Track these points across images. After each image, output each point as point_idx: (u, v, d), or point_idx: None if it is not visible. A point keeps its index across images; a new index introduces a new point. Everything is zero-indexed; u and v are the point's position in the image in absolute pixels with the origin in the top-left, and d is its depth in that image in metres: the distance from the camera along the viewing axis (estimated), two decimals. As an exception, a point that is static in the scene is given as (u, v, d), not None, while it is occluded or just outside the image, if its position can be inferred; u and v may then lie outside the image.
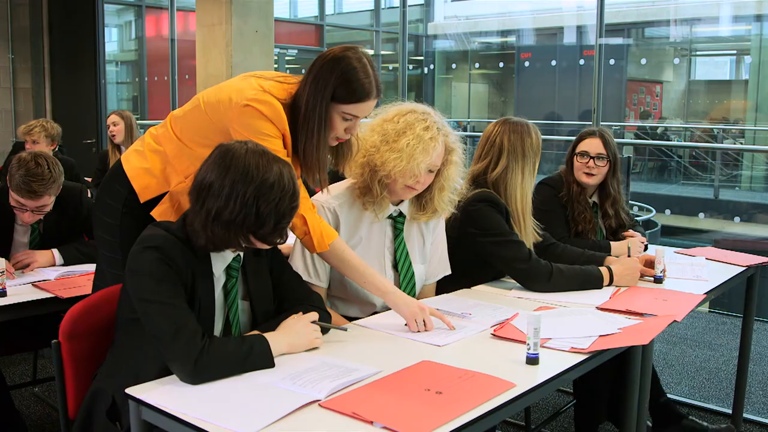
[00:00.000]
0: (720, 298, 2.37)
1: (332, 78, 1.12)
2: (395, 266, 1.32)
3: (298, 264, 1.26)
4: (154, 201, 1.22)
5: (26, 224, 1.64)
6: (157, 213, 1.21)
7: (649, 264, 1.54)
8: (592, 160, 1.72)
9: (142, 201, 1.21)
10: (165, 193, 1.21)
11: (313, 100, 1.13)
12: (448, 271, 1.42)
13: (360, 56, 1.14)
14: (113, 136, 2.93)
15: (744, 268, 1.67)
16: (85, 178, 2.86)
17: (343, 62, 1.13)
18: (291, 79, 1.19)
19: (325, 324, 1.07)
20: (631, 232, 1.76)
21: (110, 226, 1.23)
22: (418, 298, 1.35)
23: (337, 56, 1.13)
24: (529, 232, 1.47)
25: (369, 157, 1.24)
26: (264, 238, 0.96)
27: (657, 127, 7.81)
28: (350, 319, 1.26)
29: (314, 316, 1.04)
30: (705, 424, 1.72)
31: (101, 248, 1.26)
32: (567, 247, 1.58)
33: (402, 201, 1.32)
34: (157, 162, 1.22)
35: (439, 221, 1.39)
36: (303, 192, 1.15)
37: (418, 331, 1.13)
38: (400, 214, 1.33)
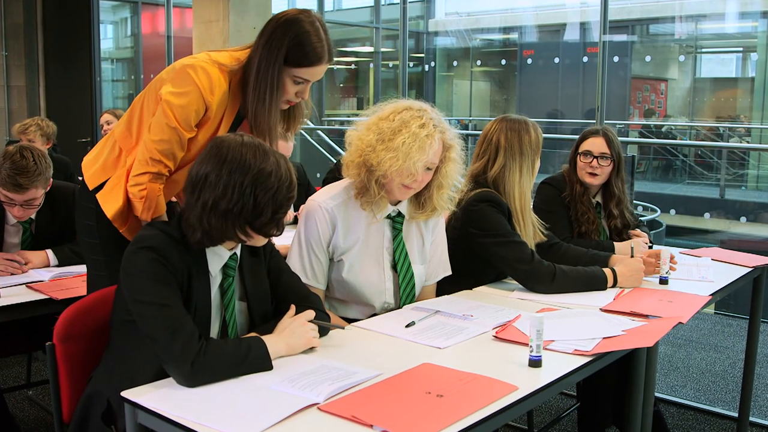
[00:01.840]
0: (726, 299, 2.34)
1: (285, 41, 1.10)
2: (394, 267, 1.31)
3: (295, 265, 1.25)
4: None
5: (18, 219, 1.61)
6: (102, 195, 1.17)
7: (656, 256, 1.50)
8: (595, 160, 1.70)
9: (90, 188, 1.19)
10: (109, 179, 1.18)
11: (265, 64, 1.11)
12: (449, 272, 1.40)
13: (313, 19, 1.13)
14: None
15: (750, 269, 1.65)
16: (80, 178, 2.84)
17: (296, 25, 1.11)
18: (241, 49, 1.17)
19: (320, 322, 1.05)
20: (638, 231, 1.74)
21: (88, 227, 1.21)
22: (418, 299, 1.34)
23: (289, 19, 1.11)
24: (529, 231, 1.45)
25: (365, 157, 1.22)
26: (261, 229, 0.95)
27: (662, 126, 7.75)
28: (349, 320, 1.24)
29: (310, 314, 1.03)
30: None
31: (84, 252, 1.25)
32: (570, 246, 1.56)
33: (400, 200, 1.31)
34: (105, 148, 1.21)
35: (438, 221, 1.38)
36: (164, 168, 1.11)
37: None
38: (399, 213, 1.31)
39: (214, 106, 1.13)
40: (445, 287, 1.40)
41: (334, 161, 3.10)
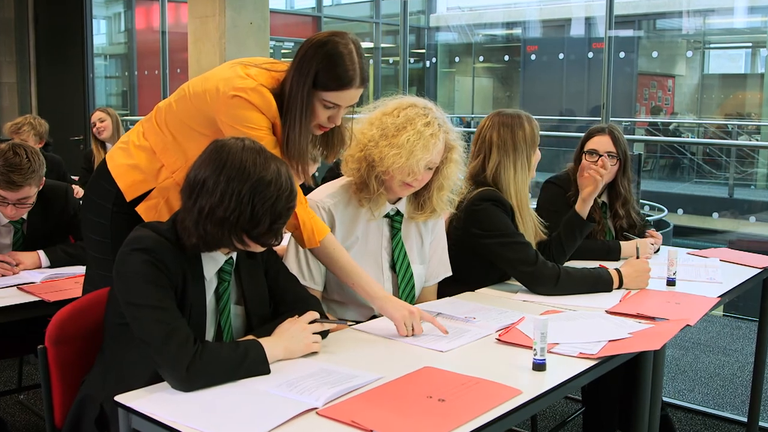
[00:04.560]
0: (735, 301, 2.30)
1: (314, 63, 1.08)
2: (393, 267, 1.29)
3: (292, 265, 1.23)
4: (143, 198, 1.18)
5: (10, 219, 1.59)
6: (142, 209, 1.17)
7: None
8: (601, 159, 1.68)
9: (128, 199, 1.18)
10: (151, 190, 1.18)
11: (295, 87, 1.09)
12: (449, 273, 1.38)
13: (347, 42, 1.10)
14: (100, 132, 2.87)
15: (760, 270, 1.62)
16: (72, 177, 2.81)
17: (327, 47, 1.08)
18: (279, 66, 1.15)
19: (325, 320, 1.03)
20: (652, 231, 1.73)
21: (100, 226, 1.19)
22: (418, 301, 1.32)
23: (321, 41, 1.09)
24: (529, 228, 1.42)
25: (367, 152, 1.20)
26: (258, 239, 0.93)
27: (669, 123, 7.68)
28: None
29: (312, 315, 1.01)
30: None
31: (90, 250, 1.22)
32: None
33: (399, 199, 1.29)
34: (142, 157, 1.18)
35: (437, 221, 1.36)
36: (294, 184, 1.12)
37: (407, 336, 1.09)
38: (398, 212, 1.29)
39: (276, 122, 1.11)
40: (446, 289, 1.38)
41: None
